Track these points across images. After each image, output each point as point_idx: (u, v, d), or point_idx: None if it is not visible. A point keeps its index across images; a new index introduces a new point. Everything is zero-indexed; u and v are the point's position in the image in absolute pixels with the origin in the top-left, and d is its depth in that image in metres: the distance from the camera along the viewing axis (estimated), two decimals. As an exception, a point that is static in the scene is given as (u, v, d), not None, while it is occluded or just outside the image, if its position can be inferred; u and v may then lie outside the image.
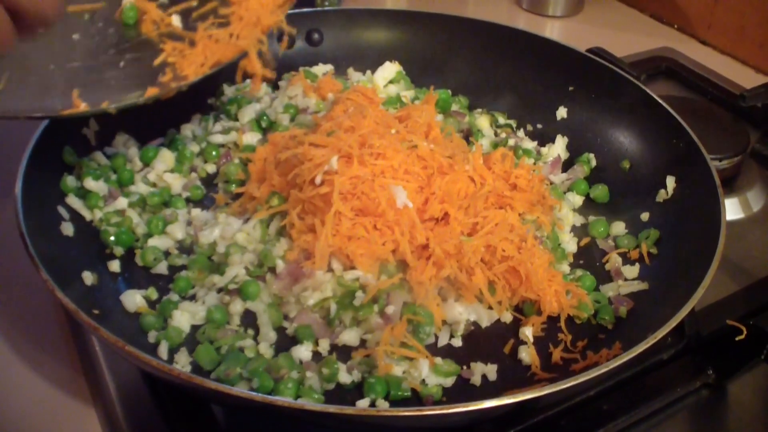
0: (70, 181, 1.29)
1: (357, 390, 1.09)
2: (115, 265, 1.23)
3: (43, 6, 0.99)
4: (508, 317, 1.21)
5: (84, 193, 1.30)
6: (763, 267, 1.38)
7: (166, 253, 1.28)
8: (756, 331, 1.17)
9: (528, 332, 1.17)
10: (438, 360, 1.12)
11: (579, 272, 1.28)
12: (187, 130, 1.52)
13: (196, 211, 1.34)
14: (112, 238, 1.25)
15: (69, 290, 1.01)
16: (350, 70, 1.69)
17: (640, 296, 1.24)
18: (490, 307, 1.20)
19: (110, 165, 1.38)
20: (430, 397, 1.07)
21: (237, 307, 1.17)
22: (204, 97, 1.59)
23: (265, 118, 1.51)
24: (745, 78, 1.97)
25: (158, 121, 1.50)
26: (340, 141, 1.23)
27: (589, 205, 1.45)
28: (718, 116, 1.69)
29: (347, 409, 0.90)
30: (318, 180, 1.19)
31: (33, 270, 1.03)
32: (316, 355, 1.13)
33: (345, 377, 1.09)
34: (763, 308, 1.25)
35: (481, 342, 1.18)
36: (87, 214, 1.29)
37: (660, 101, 1.42)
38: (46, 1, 1.00)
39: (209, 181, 1.43)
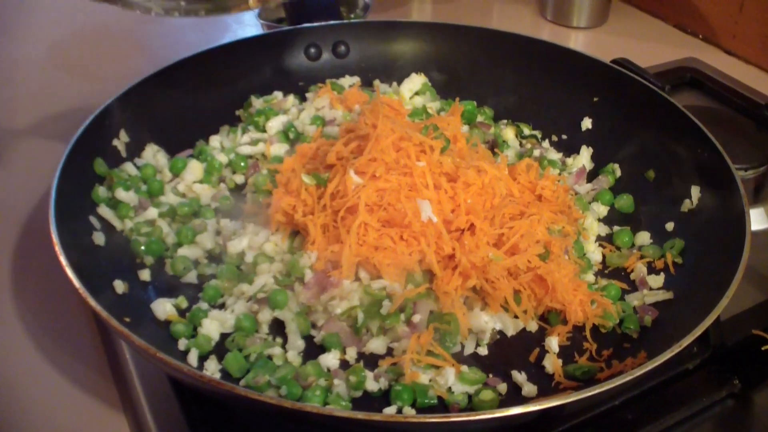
0: (101, 191, 1.31)
1: (384, 398, 1.10)
2: (145, 274, 1.25)
3: None
4: (533, 326, 1.22)
5: (115, 204, 1.32)
6: (788, 277, 1.37)
7: (196, 263, 1.29)
8: (781, 341, 1.17)
9: (553, 342, 1.17)
10: (464, 368, 1.12)
11: (604, 282, 1.29)
12: (216, 141, 1.53)
13: (225, 221, 1.35)
14: (143, 247, 1.28)
15: (100, 299, 1.03)
16: (376, 82, 1.70)
17: (665, 305, 1.24)
18: (516, 316, 1.21)
19: (140, 176, 1.40)
20: (456, 405, 1.08)
21: (265, 315, 1.19)
22: (232, 109, 1.61)
23: (292, 129, 1.53)
24: (771, 88, 1.96)
25: (187, 133, 1.53)
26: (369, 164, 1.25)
27: (614, 215, 1.45)
28: (743, 126, 1.69)
29: (375, 416, 0.90)
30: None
31: (64, 279, 1.05)
32: (344, 363, 1.14)
33: (372, 385, 1.10)
34: (788, 319, 1.25)
35: (507, 350, 1.19)
36: (118, 224, 1.31)
37: (685, 111, 1.42)
38: None
39: (238, 192, 1.45)
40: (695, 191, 1.35)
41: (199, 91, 1.56)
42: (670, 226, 1.36)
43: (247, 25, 2.26)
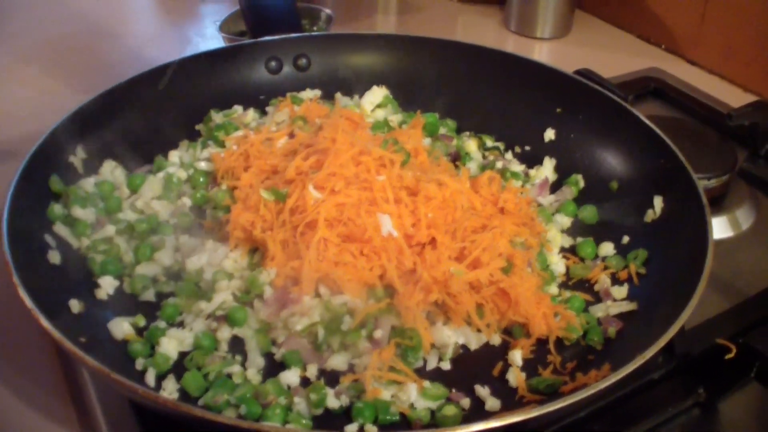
0: (57, 209, 1.29)
1: (345, 415, 1.08)
2: (102, 293, 1.23)
3: None
4: (497, 340, 1.21)
5: (71, 221, 1.30)
6: (752, 285, 1.37)
7: (154, 280, 1.27)
8: (746, 349, 1.17)
9: (517, 356, 1.16)
10: (426, 383, 1.11)
11: (567, 293, 1.28)
12: (175, 156, 1.51)
13: (184, 238, 1.33)
14: (100, 265, 1.25)
15: (56, 319, 1.01)
16: (338, 95, 1.69)
17: (629, 317, 1.23)
18: (479, 330, 1.20)
19: (98, 193, 1.38)
20: (418, 421, 1.07)
21: (224, 333, 1.17)
22: (191, 123, 1.59)
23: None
24: (733, 97, 1.97)
25: (146, 148, 1.50)
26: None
27: (578, 226, 1.44)
28: (705, 136, 1.69)
29: (335, 435, 0.89)
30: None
31: (19, 299, 1.03)
32: (305, 381, 1.13)
33: (333, 402, 1.08)
34: (752, 326, 1.24)
35: (470, 365, 1.18)
36: (74, 242, 1.28)
37: (647, 121, 1.42)
38: None
39: (197, 208, 1.42)
40: (658, 201, 1.35)
41: (158, 105, 1.54)
42: (633, 236, 1.36)
43: (209, 38, 2.25)
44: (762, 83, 2.04)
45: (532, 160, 1.58)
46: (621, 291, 1.28)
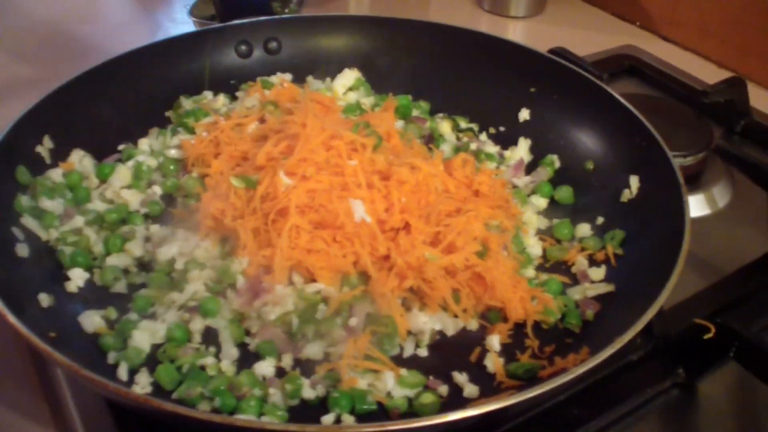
0: (24, 201, 1.26)
1: (322, 405, 1.07)
2: (72, 286, 1.21)
3: None
4: (474, 325, 1.20)
5: (39, 213, 1.27)
6: (729, 263, 1.37)
7: (125, 272, 1.25)
8: (724, 329, 1.16)
9: (494, 341, 1.15)
10: (403, 371, 1.10)
11: (544, 276, 1.27)
12: (144, 144, 1.49)
13: (155, 227, 1.31)
14: (69, 257, 1.23)
15: (24, 314, 0.99)
16: (309, 78, 1.67)
17: (606, 298, 1.22)
18: (456, 316, 1.19)
19: (65, 183, 1.35)
20: (396, 410, 1.06)
21: (197, 324, 1.15)
22: (161, 110, 1.56)
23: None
24: (708, 74, 1.96)
25: (115, 136, 1.48)
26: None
27: (554, 208, 1.43)
28: (681, 113, 1.69)
29: (309, 427, 0.88)
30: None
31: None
32: (280, 371, 1.11)
33: (309, 392, 1.07)
34: (730, 306, 1.25)
35: (448, 351, 1.17)
36: (43, 234, 1.26)
37: (621, 100, 1.41)
38: None
39: (168, 197, 1.40)
40: (634, 181, 1.34)
41: (127, 92, 1.51)
42: (610, 217, 1.35)
43: (179, 23, 2.22)
44: (737, 60, 2.04)
45: (506, 141, 1.56)
46: (598, 272, 1.27)
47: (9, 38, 2.12)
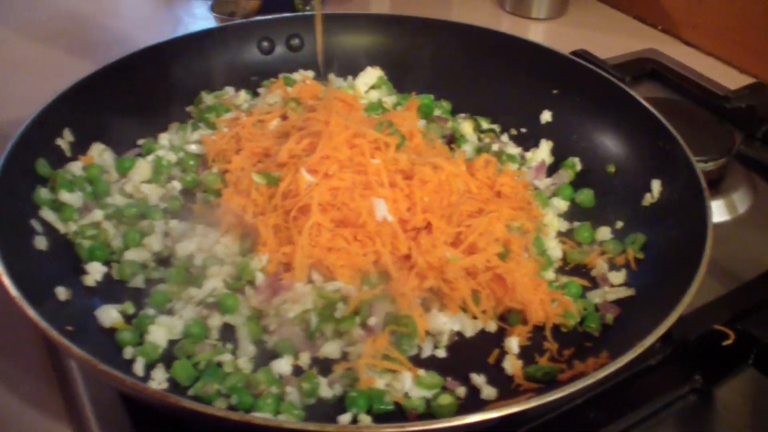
0: (43, 193, 1.26)
1: (339, 404, 1.06)
2: (90, 280, 1.20)
3: None
4: (493, 327, 1.19)
5: (58, 206, 1.27)
6: (749, 269, 1.35)
7: (143, 266, 1.25)
8: (743, 335, 1.16)
9: (513, 343, 1.15)
10: (421, 372, 1.09)
11: (564, 279, 1.27)
12: (165, 139, 1.49)
13: (174, 223, 1.31)
14: (87, 251, 1.23)
15: (41, 307, 0.98)
16: (331, 76, 1.66)
17: (626, 302, 1.21)
18: (475, 317, 1.18)
19: (85, 176, 1.35)
20: (413, 411, 1.05)
21: (215, 320, 1.15)
22: (182, 106, 1.56)
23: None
24: (730, 79, 1.95)
25: (135, 131, 1.48)
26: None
27: (575, 210, 1.42)
28: (702, 118, 1.68)
29: (329, 427, 0.87)
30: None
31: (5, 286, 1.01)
32: (297, 369, 1.11)
33: (326, 391, 1.07)
34: (749, 312, 1.23)
35: (466, 352, 1.16)
36: (61, 228, 1.26)
37: (644, 104, 1.41)
38: None
39: (188, 192, 1.40)
40: (656, 184, 1.33)
41: (148, 87, 1.51)
42: (631, 220, 1.34)
43: (199, 18, 2.22)
44: (759, 65, 2.02)
45: (528, 143, 1.56)
46: (618, 276, 1.26)
47: (30, 34, 2.13)
